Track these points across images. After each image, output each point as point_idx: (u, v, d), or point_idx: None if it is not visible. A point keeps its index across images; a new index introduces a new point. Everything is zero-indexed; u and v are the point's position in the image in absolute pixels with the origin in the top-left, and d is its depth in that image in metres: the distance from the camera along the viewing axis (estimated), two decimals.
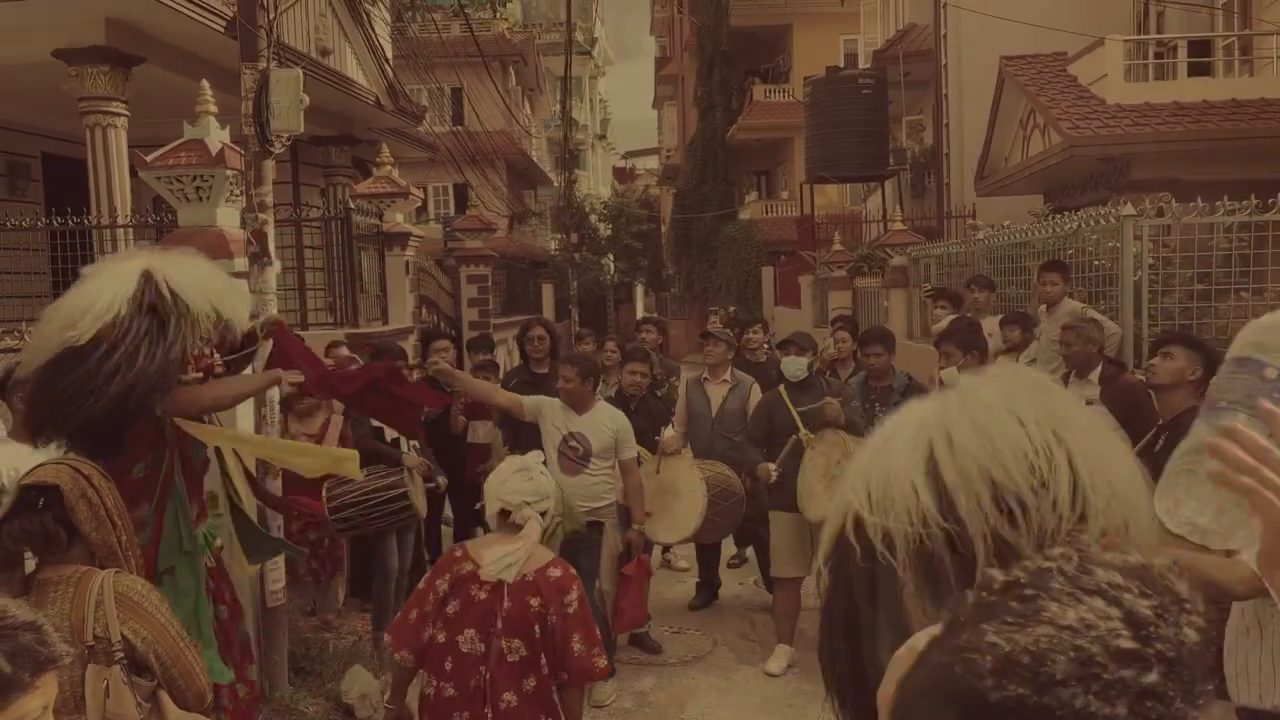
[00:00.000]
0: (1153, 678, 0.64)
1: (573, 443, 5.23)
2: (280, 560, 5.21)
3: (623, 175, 49.33)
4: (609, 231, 36.93)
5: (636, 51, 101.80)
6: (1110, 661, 0.64)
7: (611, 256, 36.49)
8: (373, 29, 12.28)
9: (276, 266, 5.43)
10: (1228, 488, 0.99)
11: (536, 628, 3.00)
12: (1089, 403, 5.51)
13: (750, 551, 7.51)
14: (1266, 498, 0.98)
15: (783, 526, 5.81)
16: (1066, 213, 8.04)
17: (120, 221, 8.19)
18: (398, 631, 3.10)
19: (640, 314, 33.74)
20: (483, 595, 3.01)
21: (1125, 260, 6.14)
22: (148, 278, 3.43)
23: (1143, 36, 12.70)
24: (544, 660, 3.01)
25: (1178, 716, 0.64)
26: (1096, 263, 7.14)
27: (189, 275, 3.56)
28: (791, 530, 5.77)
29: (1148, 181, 10.39)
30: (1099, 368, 5.38)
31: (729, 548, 7.55)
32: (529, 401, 5.37)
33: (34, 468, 2.48)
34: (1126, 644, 0.64)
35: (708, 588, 7.09)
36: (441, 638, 3.02)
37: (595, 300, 33.11)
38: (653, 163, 48.63)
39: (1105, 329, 5.72)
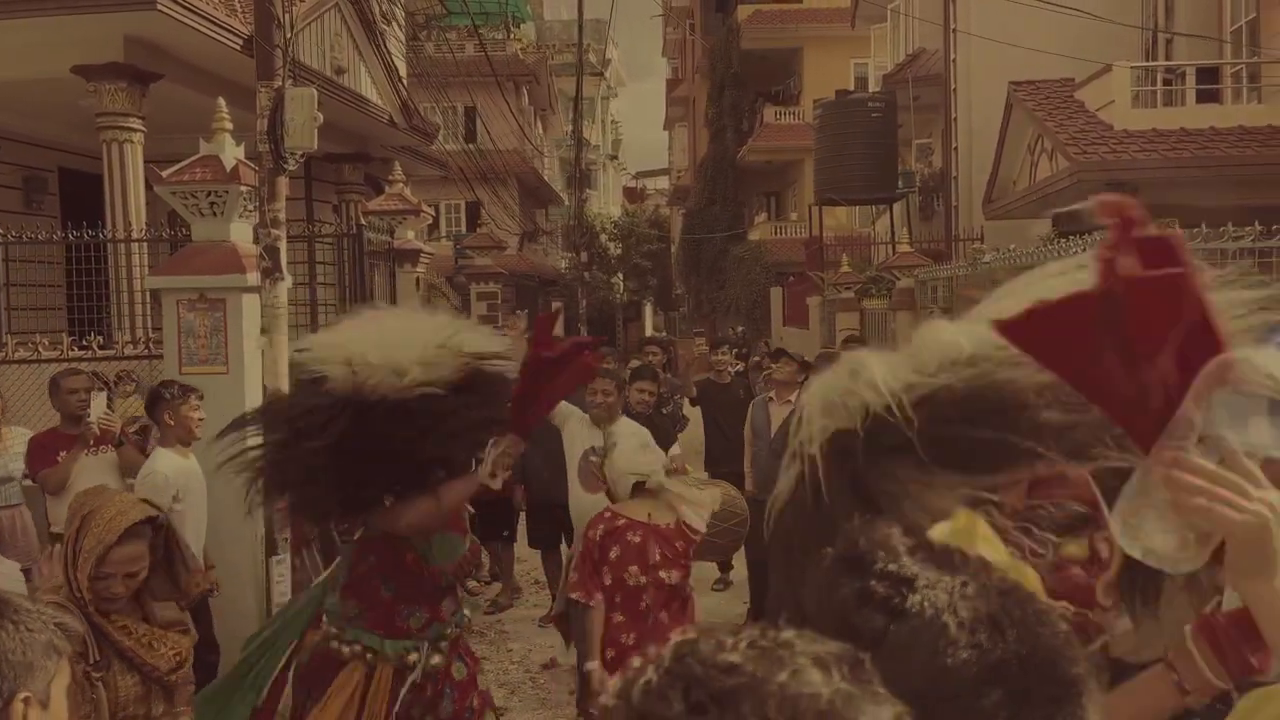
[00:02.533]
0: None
1: (594, 458, 5.24)
2: (286, 572, 5.26)
3: (633, 195, 49.52)
4: (619, 251, 37.08)
5: (648, 73, 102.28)
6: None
7: (621, 275, 36.62)
8: (387, 48, 12.43)
9: (288, 282, 5.51)
10: (1184, 514, 1.05)
11: (684, 561, 3.90)
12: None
13: (734, 575, 7.51)
14: (1221, 513, 1.03)
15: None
16: (1073, 237, 8.09)
17: (135, 236, 8.29)
18: (583, 586, 3.86)
19: (649, 333, 33.83)
20: (637, 539, 3.83)
21: None
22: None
23: (1151, 64, 12.77)
24: (688, 585, 3.96)
25: None
26: None
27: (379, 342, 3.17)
28: None
29: (1154, 207, 10.25)
30: None
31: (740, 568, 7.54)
32: (559, 407, 5.40)
33: None
34: None
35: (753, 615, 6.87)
36: (609, 579, 3.81)
37: (604, 319, 33.20)
38: (663, 183, 48.86)
39: None
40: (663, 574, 3.86)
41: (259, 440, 3.33)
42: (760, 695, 0.60)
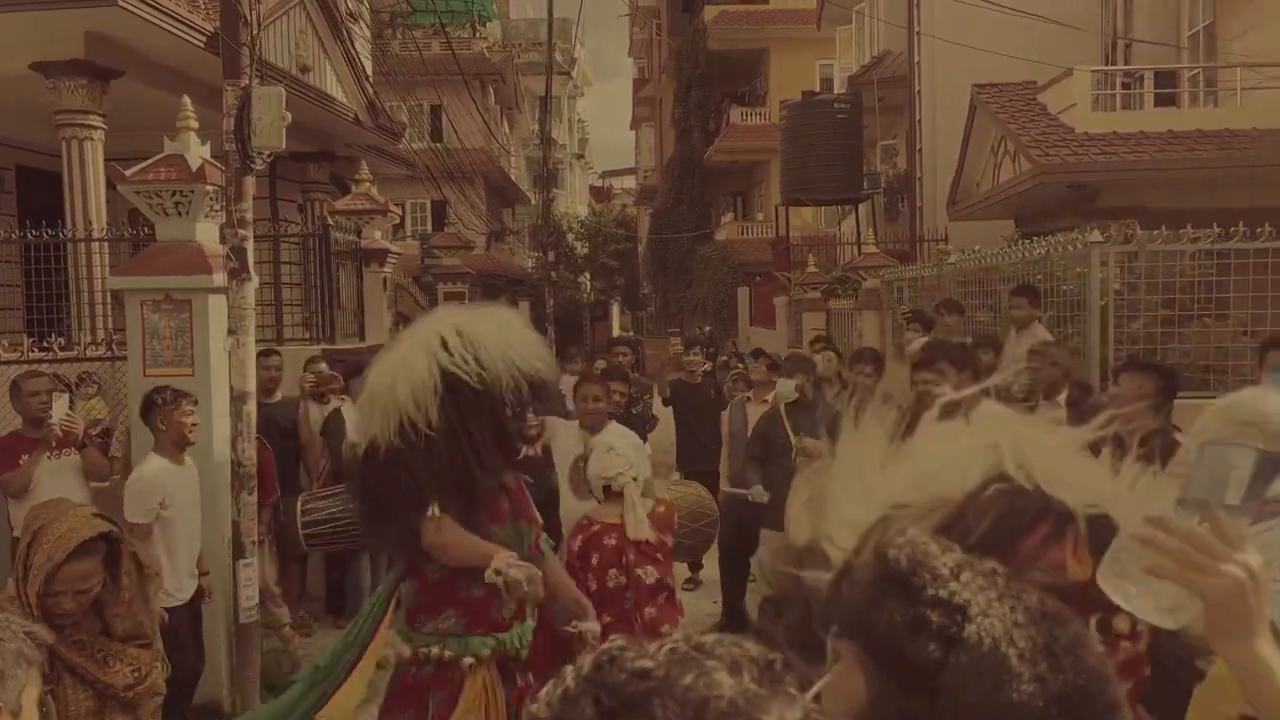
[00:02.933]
0: None
1: (583, 464, 5.21)
2: (254, 576, 5.21)
3: (600, 195, 49.50)
4: (586, 250, 37.03)
5: (615, 72, 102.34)
6: None
7: (588, 275, 36.56)
8: (353, 46, 12.32)
9: (255, 282, 5.45)
10: (1160, 575, 1.07)
11: (659, 554, 3.94)
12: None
13: (704, 575, 7.55)
14: (1193, 576, 1.03)
15: (775, 545, 5.84)
16: (1036, 238, 8.20)
17: (96, 235, 8.16)
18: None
19: (616, 332, 33.81)
20: (612, 543, 3.88)
21: (1092, 286, 6.28)
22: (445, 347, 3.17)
23: (1111, 68, 12.97)
24: (670, 577, 3.98)
25: None
26: (1065, 288, 7.29)
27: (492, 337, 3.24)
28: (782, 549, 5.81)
29: (1114, 209, 10.59)
30: (1066, 391, 5.49)
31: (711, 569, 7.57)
32: (546, 421, 5.40)
33: None
34: None
35: (733, 617, 6.73)
36: (594, 585, 3.83)
37: (571, 318, 33.12)
38: (630, 182, 48.88)
39: (1069, 350, 5.84)
40: (639, 573, 3.92)
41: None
42: (666, 698, 0.63)
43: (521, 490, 3.51)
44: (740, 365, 9.93)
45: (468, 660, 3.28)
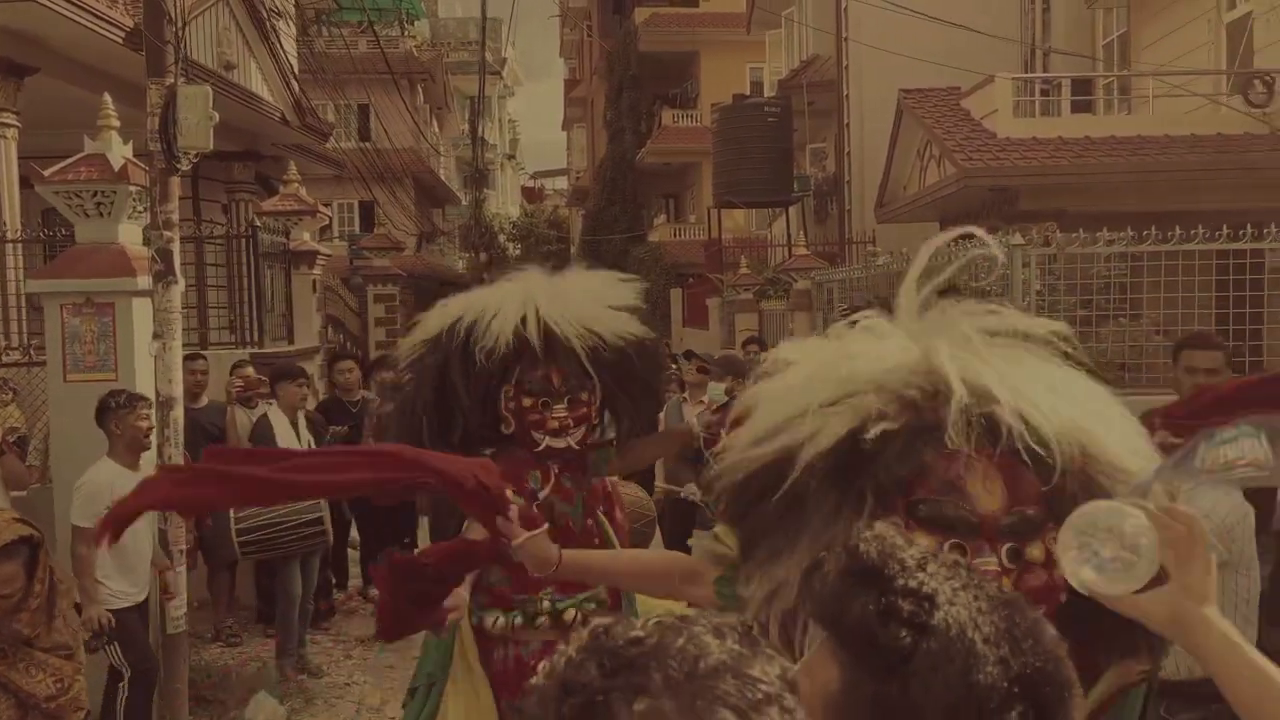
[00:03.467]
0: None
1: None
2: (183, 585, 5.09)
3: (531, 195, 49.32)
4: (518, 251, 36.86)
5: (546, 73, 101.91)
6: None
7: None
8: (279, 44, 12.10)
9: (181, 285, 5.34)
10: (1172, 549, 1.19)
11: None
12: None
13: None
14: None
15: (703, 547, 5.90)
16: (963, 240, 8.41)
17: (11, 236, 7.89)
18: None
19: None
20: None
21: (1015, 287, 6.46)
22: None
23: (1030, 75, 13.36)
24: None
25: None
26: (989, 289, 7.49)
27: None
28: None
29: (1035, 212, 10.90)
30: None
31: None
32: None
33: None
34: None
35: None
36: None
37: None
38: (562, 183, 48.78)
39: None
40: None
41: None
42: (662, 657, 0.68)
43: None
44: (674, 366, 9.99)
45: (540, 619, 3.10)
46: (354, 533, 7.53)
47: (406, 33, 31.04)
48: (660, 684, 0.67)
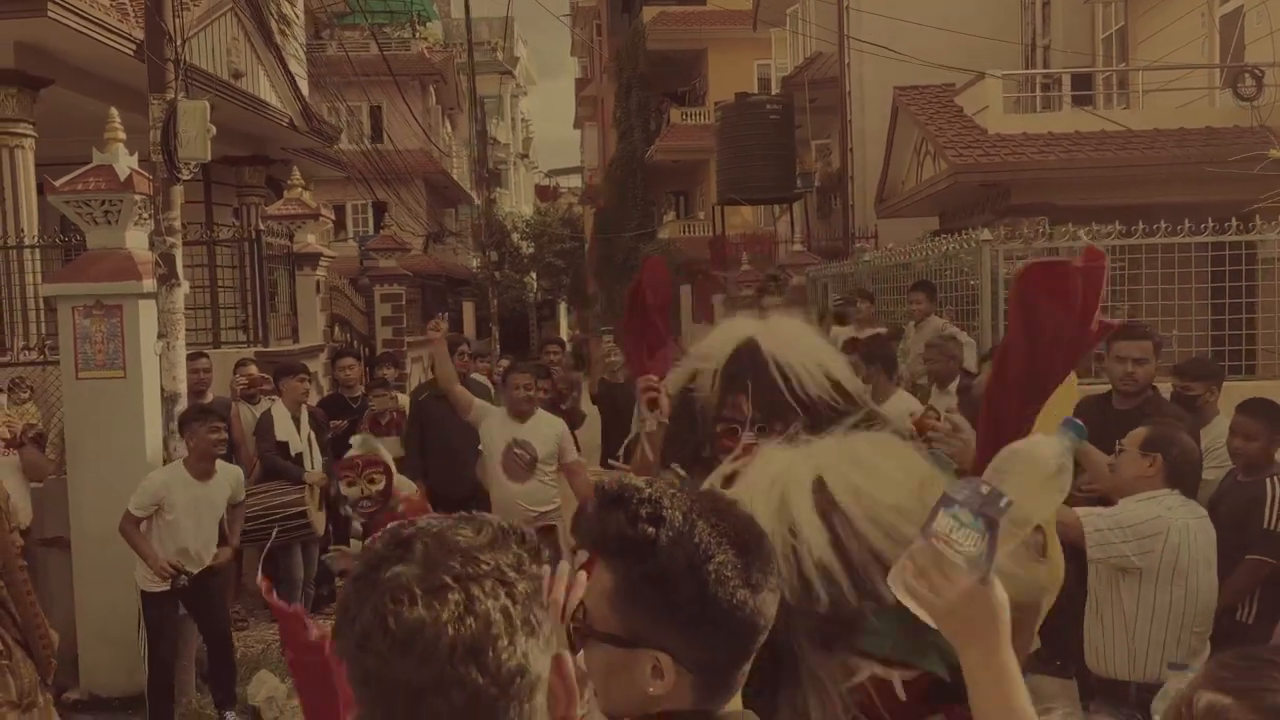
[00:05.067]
0: None
1: (518, 450, 5.39)
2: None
3: (546, 194, 49.57)
4: (531, 250, 37.15)
5: (561, 70, 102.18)
6: None
7: (534, 275, 36.70)
8: (287, 50, 12.42)
9: (185, 288, 5.66)
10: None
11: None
12: (948, 412, 6.03)
13: None
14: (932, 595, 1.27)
15: None
16: (950, 235, 8.62)
17: (28, 242, 8.25)
18: None
19: (565, 331, 34.01)
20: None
21: (984, 281, 6.68)
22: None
23: (1020, 72, 13.51)
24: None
25: None
26: (973, 282, 7.72)
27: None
28: None
29: (1026, 206, 11.09)
30: (957, 380, 5.89)
31: None
32: (477, 403, 5.61)
33: None
34: None
35: None
36: None
37: (518, 318, 33.26)
38: (577, 181, 48.99)
39: (961, 341, 6.25)
40: None
41: None
42: (425, 540, 0.97)
43: None
44: None
45: None
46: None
47: (418, 34, 31.40)
48: (415, 556, 0.95)
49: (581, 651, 1.22)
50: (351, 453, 4.62)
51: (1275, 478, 3.68)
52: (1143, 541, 3.20)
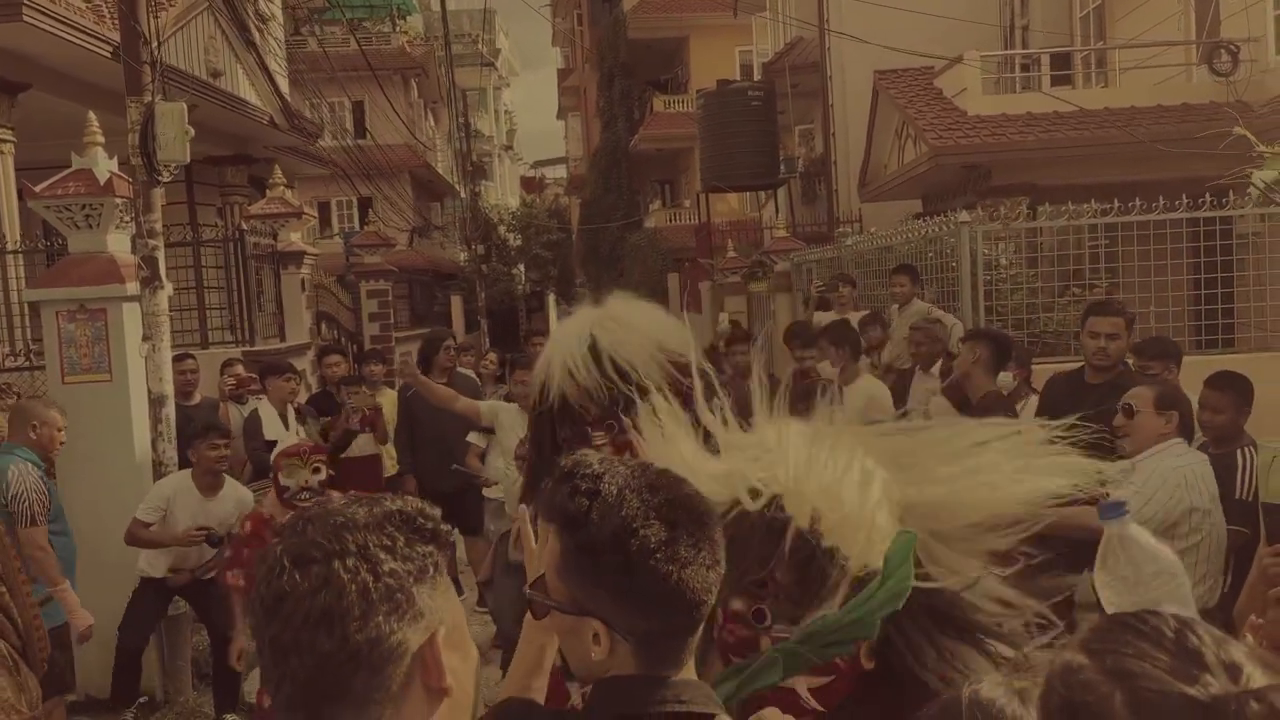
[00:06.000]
0: None
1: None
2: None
3: (531, 185, 49.49)
4: (518, 242, 37.09)
5: (544, 61, 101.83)
6: None
7: (522, 267, 36.65)
8: (266, 48, 12.39)
9: (169, 290, 5.67)
10: None
11: None
12: (933, 394, 6.09)
13: None
14: None
15: None
16: (931, 217, 8.67)
17: (10, 248, 8.24)
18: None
19: (554, 323, 33.91)
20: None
21: (963, 263, 6.74)
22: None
23: (997, 53, 13.53)
24: None
25: None
26: (954, 264, 7.77)
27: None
28: None
29: (1007, 187, 11.16)
30: (940, 362, 5.95)
31: None
32: (485, 406, 5.59)
33: None
34: None
35: None
36: None
37: (506, 310, 33.21)
38: (562, 172, 48.94)
39: (947, 324, 6.31)
40: None
41: None
42: (334, 515, 1.07)
43: None
44: None
45: None
46: None
47: (399, 28, 31.28)
48: (300, 531, 1.06)
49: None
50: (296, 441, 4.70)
51: (1245, 448, 3.75)
52: (1176, 490, 3.37)
